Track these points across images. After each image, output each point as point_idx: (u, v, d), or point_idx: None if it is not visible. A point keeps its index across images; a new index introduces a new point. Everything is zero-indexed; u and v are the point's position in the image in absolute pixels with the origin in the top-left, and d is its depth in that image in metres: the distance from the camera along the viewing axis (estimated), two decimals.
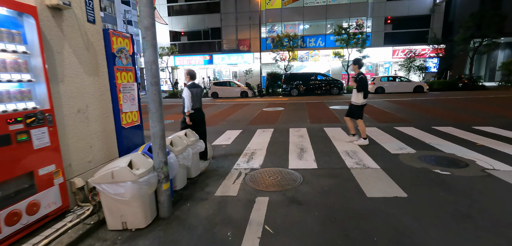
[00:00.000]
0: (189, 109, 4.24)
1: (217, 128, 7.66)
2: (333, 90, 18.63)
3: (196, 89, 4.40)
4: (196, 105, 4.37)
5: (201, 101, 4.53)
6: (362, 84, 4.93)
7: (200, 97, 4.49)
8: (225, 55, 25.22)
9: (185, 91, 4.28)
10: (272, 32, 24.54)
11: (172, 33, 26.78)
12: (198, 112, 4.47)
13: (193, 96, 4.28)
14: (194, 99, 4.31)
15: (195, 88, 4.38)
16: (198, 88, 4.47)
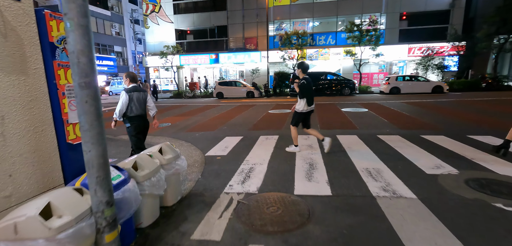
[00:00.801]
0: (116, 117, 3.79)
1: (215, 133, 6.81)
2: (345, 90, 17.53)
3: (137, 94, 3.86)
4: (137, 111, 3.86)
5: (144, 107, 3.99)
6: (304, 89, 4.37)
7: (142, 102, 3.93)
8: (232, 54, 24.42)
9: (122, 95, 3.78)
10: (280, 29, 23.57)
11: (178, 32, 26.18)
12: (141, 119, 3.95)
13: (132, 101, 3.78)
14: (135, 104, 3.81)
15: (136, 92, 3.84)
16: (141, 92, 3.91)
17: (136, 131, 3.94)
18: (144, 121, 4.00)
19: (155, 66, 26.59)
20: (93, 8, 32.60)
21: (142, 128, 4.02)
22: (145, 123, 4.05)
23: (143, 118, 3.99)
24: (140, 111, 3.90)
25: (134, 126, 3.90)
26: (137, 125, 3.92)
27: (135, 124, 3.89)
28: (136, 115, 3.86)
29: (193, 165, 4.37)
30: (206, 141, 6.07)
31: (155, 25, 26.29)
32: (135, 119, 3.88)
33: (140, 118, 3.93)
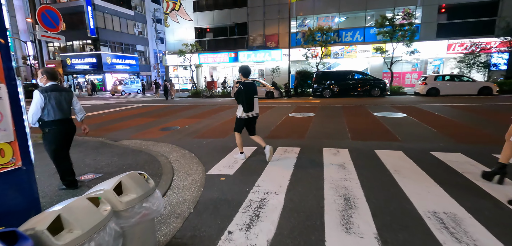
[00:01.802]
0: (30, 122, 3.03)
1: (225, 141, 5.81)
2: (374, 91, 15.86)
3: (57, 94, 3.17)
4: (56, 115, 3.16)
5: (68, 109, 3.32)
6: (239, 95, 4.11)
7: (64, 103, 3.25)
8: (251, 52, 23.44)
9: (35, 95, 3.06)
10: (303, 26, 22.19)
11: (198, 30, 25.70)
12: (63, 125, 3.26)
13: (49, 103, 3.10)
14: (53, 107, 3.13)
15: (54, 92, 3.15)
16: (62, 92, 3.24)
17: (54, 141, 3.23)
18: (66, 127, 3.31)
19: (174, 65, 26.30)
20: (117, 7, 33.19)
21: (64, 137, 3.32)
22: (68, 130, 3.35)
23: (66, 123, 3.29)
24: (61, 114, 3.20)
25: (52, 134, 3.19)
26: (57, 132, 3.21)
27: (53, 131, 3.18)
28: (54, 120, 3.16)
29: (189, 188, 3.38)
30: (213, 151, 5.08)
31: (175, 24, 26.01)
32: (54, 125, 3.17)
33: (61, 124, 3.22)
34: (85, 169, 4.16)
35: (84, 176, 3.83)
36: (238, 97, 4.13)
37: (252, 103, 4.15)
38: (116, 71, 31.63)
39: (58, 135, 3.25)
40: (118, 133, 7.30)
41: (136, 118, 10.04)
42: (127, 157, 4.80)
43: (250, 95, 4.11)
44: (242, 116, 4.22)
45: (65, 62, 31.13)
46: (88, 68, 30.51)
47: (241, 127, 4.33)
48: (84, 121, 3.66)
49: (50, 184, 3.61)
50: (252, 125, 4.39)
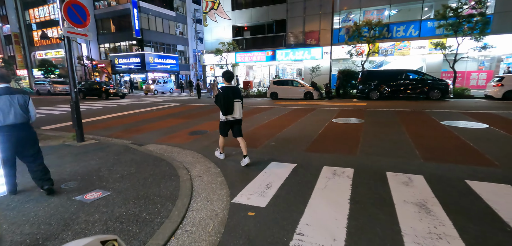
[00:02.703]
0: None
1: (258, 153, 4.89)
2: (433, 93, 13.59)
3: (7, 97, 2.94)
4: (5, 120, 2.93)
5: (20, 113, 3.04)
6: (217, 99, 4.19)
7: (17, 107, 3.01)
8: (290, 50, 22.27)
9: None
10: (347, 21, 20.32)
11: (235, 28, 25.31)
12: (12, 131, 2.98)
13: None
14: (4, 111, 2.91)
15: (5, 95, 2.94)
16: (14, 96, 3.01)
17: (4, 146, 2.96)
18: (17, 133, 3.02)
19: (211, 64, 26.30)
20: (160, 9, 34.53)
21: (14, 144, 3.02)
22: (20, 136, 3.06)
23: (17, 128, 3.01)
24: (10, 119, 2.96)
25: (4, 138, 2.94)
26: (7, 137, 2.96)
27: (6, 136, 2.94)
28: (3, 125, 2.93)
29: (206, 225, 2.53)
30: (243, 168, 4.19)
31: (213, 23, 25.96)
32: (3, 130, 2.93)
33: (11, 130, 2.96)
34: (95, 183, 3.57)
35: (90, 194, 3.21)
36: (217, 101, 4.22)
37: (231, 107, 4.20)
38: (158, 70, 32.91)
39: (6, 143, 2.97)
40: (146, 136, 6.86)
41: (167, 118, 9.68)
42: (146, 168, 4.16)
43: (229, 99, 4.17)
44: (222, 119, 4.31)
45: (114, 62, 33.30)
46: (132, 67, 32.21)
47: (224, 130, 4.41)
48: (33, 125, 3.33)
49: None
50: (236, 128, 4.39)
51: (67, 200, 3.07)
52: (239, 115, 4.32)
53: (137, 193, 3.25)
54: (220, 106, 4.21)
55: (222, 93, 4.17)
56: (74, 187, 3.46)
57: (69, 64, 5.62)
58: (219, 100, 4.19)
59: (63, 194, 3.25)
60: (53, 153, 5.12)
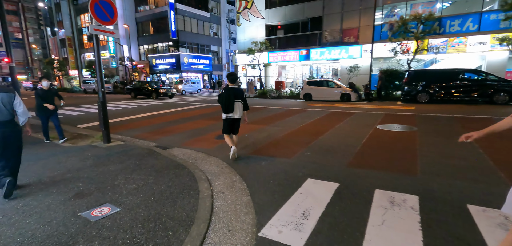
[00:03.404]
0: None
1: (291, 165, 4.19)
2: (499, 96, 11.56)
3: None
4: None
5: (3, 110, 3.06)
6: (219, 98, 4.55)
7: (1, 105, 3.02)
8: (325, 49, 21.03)
9: None
10: (392, 16, 18.52)
11: (268, 27, 24.70)
12: None
13: None
14: None
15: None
16: None
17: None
18: (2, 130, 3.08)
19: (243, 64, 26.03)
20: (196, 10, 35.30)
21: None
22: (6, 132, 3.11)
23: (2, 126, 3.09)
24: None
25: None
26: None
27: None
28: None
29: None
30: (274, 181, 3.54)
31: (246, 22, 25.66)
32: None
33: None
34: (107, 195, 3.18)
35: (98, 210, 2.81)
36: (219, 100, 4.51)
37: (231, 106, 4.43)
38: (192, 70, 33.65)
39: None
40: (172, 138, 6.54)
41: (196, 119, 9.39)
42: (165, 178, 3.71)
43: (230, 99, 4.41)
44: (224, 117, 4.56)
45: (151, 62, 34.82)
46: (168, 67, 33.34)
47: (226, 128, 4.60)
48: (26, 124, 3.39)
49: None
50: (235, 126, 4.66)
51: (72, 216, 2.69)
52: (239, 114, 4.56)
53: (148, 212, 2.77)
54: (221, 104, 4.46)
55: (224, 93, 4.44)
56: (84, 199, 3.10)
57: (97, 63, 5.46)
58: (221, 99, 4.47)
59: (72, 206, 2.90)
60: (78, 155, 4.96)
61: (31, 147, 5.55)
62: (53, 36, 47.50)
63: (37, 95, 5.76)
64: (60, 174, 3.94)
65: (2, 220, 2.62)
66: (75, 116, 10.80)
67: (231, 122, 4.58)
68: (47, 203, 2.97)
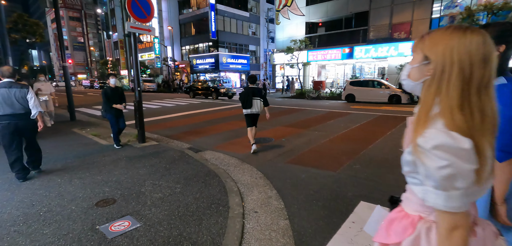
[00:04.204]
0: None
1: (335, 181, 3.52)
2: None
3: (5, 91, 3.35)
4: (4, 110, 3.34)
5: (15, 104, 3.41)
6: (240, 96, 5.12)
7: (13, 99, 3.39)
8: (371, 46, 19.37)
9: None
10: (453, 6, 16.26)
11: (309, 25, 23.71)
12: (12, 119, 3.41)
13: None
14: (1, 102, 3.31)
15: (4, 89, 3.34)
16: (12, 89, 3.39)
17: (4, 133, 3.41)
18: (16, 121, 3.45)
19: (282, 63, 25.40)
20: (235, 10, 35.63)
21: (14, 130, 3.45)
22: (19, 123, 3.49)
23: (15, 117, 3.44)
24: (8, 109, 3.38)
25: (2, 127, 3.38)
26: (6, 125, 3.40)
27: (3, 124, 3.37)
28: (3, 115, 3.37)
29: None
30: (317, 201, 2.94)
31: (286, 20, 24.98)
32: (3, 119, 3.37)
33: (11, 118, 3.41)
34: (130, 204, 2.91)
35: (117, 224, 2.52)
36: (240, 98, 5.05)
37: (250, 102, 4.93)
38: (230, 70, 34.00)
39: (7, 128, 3.40)
40: (206, 140, 6.27)
41: (232, 120, 9.08)
42: (193, 187, 3.36)
43: (249, 96, 4.92)
44: (244, 112, 5.06)
45: (192, 62, 36.06)
46: (208, 67, 34.16)
47: (248, 122, 5.10)
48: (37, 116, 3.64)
49: None
50: (255, 119, 5.12)
51: (90, 230, 2.43)
52: (257, 110, 5.01)
53: (169, 231, 2.39)
54: (241, 102, 5.02)
55: (244, 91, 5.02)
56: (107, 208, 2.86)
57: (134, 62, 5.39)
58: (241, 96, 5.03)
59: (93, 217, 2.66)
60: (113, 154, 4.91)
61: (77, 147, 5.70)
62: (108, 39, 52.29)
63: (104, 93, 5.15)
64: (91, 175, 3.83)
65: (21, 228, 2.46)
66: None
67: (250, 117, 5.08)
68: (69, 210, 2.78)
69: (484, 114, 0.69)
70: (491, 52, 0.69)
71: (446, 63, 0.70)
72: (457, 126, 0.67)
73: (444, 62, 0.70)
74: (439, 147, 0.66)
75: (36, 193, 3.19)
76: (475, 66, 0.67)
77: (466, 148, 0.65)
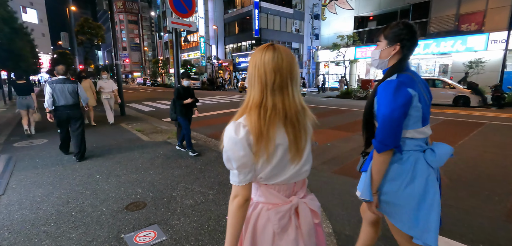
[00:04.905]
0: (48, 106, 4.12)
1: None
2: None
3: (61, 85, 4.17)
4: (60, 101, 4.15)
5: (68, 97, 4.21)
6: None
7: (67, 93, 4.19)
8: (431, 40, 17.15)
9: (45, 87, 4.17)
10: None
11: (358, 19, 22.05)
12: (65, 109, 4.20)
13: (55, 93, 4.12)
14: (57, 95, 4.12)
15: (59, 84, 4.16)
16: (66, 84, 4.20)
17: (57, 120, 4.20)
18: (68, 111, 4.20)
19: (326, 61, 24.16)
20: (279, 7, 35.10)
21: (65, 118, 4.21)
22: (71, 113, 4.22)
23: (68, 108, 4.19)
24: (63, 101, 4.14)
25: (57, 115, 4.17)
26: (60, 114, 4.16)
27: (57, 113, 4.16)
28: (59, 106, 4.13)
29: None
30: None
31: (332, 15, 23.63)
32: (59, 109, 4.15)
33: (64, 108, 4.16)
34: (160, 211, 2.69)
35: (142, 234, 2.30)
36: None
37: None
38: None
39: (59, 117, 4.17)
40: None
41: None
42: (228, 195, 3.03)
43: None
44: None
45: (235, 61, 36.59)
46: None
47: None
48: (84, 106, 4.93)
49: None
50: None
51: (115, 238, 2.24)
52: None
53: None
54: None
55: None
56: (136, 213, 2.67)
57: (175, 58, 5.33)
58: None
59: (120, 222, 2.49)
60: (151, 152, 4.88)
61: (121, 142, 5.88)
62: (159, 39, 56.19)
63: (177, 93, 4.54)
64: (128, 173, 3.78)
65: (51, 229, 2.39)
66: (164, 110, 11.76)
67: None
68: (99, 212, 2.66)
69: (276, 108, 0.84)
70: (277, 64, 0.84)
71: (252, 73, 0.87)
72: (249, 120, 0.84)
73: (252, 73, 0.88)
74: (225, 136, 0.85)
75: (74, 189, 3.19)
76: (268, 73, 0.84)
77: (239, 137, 0.82)
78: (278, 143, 0.85)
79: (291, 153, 0.88)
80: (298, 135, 0.88)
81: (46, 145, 5.29)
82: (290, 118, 0.86)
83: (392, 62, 1.30)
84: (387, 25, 1.34)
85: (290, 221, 0.92)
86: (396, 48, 1.28)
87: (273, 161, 0.86)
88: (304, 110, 0.91)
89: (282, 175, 0.90)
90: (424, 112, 1.21)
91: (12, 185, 3.31)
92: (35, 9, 60.65)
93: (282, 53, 0.85)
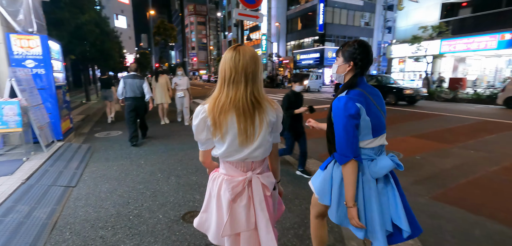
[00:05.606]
0: (118, 96, 5.02)
1: None
2: None
3: (131, 80, 4.87)
4: (129, 94, 4.87)
5: (136, 90, 4.90)
6: None
7: (135, 87, 4.89)
8: None
9: (120, 82, 4.94)
10: None
11: (446, 7, 18.65)
12: (133, 100, 4.91)
13: (126, 87, 4.86)
14: (127, 88, 4.86)
15: (129, 79, 4.87)
16: (135, 80, 4.90)
17: (128, 109, 4.94)
18: (135, 102, 4.94)
19: (401, 57, 21.27)
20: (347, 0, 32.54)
21: (133, 108, 4.94)
22: (137, 104, 4.97)
23: (135, 99, 4.92)
24: (131, 93, 4.89)
25: (127, 105, 4.96)
26: (129, 104, 4.92)
27: (127, 103, 4.95)
28: (128, 97, 4.91)
29: None
30: None
31: (412, 4, 20.55)
32: (128, 100, 4.93)
33: (132, 99, 4.91)
34: None
35: None
36: None
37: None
38: None
39: (129, 106, 4.93)
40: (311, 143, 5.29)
41: None
42: (290, 217, 2.48)
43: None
44: None
45: (296, 58, 35.64)
46: (312, 62, 32.87)
47: None
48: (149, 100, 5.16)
49: None
50: None
51: None
52: None
53: None
54: None
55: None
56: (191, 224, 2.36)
57: None
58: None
59: (174, 237, 2.20)
60: None
61: (186, 140, 5.92)
62: (224, 38, 59.01)
63: (288, 100, 3.50)
64: (188, 174, 3.58)
65: (107, 233, 2.23)
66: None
67: None
68: (155, 220, 2.43)
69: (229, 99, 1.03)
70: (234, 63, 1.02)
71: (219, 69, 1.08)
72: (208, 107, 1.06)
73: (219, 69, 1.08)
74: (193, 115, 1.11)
75: (135, 188, 3.11)
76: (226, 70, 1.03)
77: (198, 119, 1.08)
78: (229, 127, 1.05)
79: (240, 138, 1.06)
80: (247, 125, 1.05)
81: (120, 137, 5.65)
82: (242, 110, 1.03)
83: (347, 78, 1.38)
84: (345, 43, 1.40)
85: (243, 190, 1.12)
86: (350, 66, 1.36)
87: (226, 142, 1.07)
88: (259, 104, 1.06)
89: (236, 154, 1.10)
90: (374, 124, 1.30)
91: (85, 177, 3.43)
92: (125, 16, 70.72)
93: (241, 54, 1.03)
